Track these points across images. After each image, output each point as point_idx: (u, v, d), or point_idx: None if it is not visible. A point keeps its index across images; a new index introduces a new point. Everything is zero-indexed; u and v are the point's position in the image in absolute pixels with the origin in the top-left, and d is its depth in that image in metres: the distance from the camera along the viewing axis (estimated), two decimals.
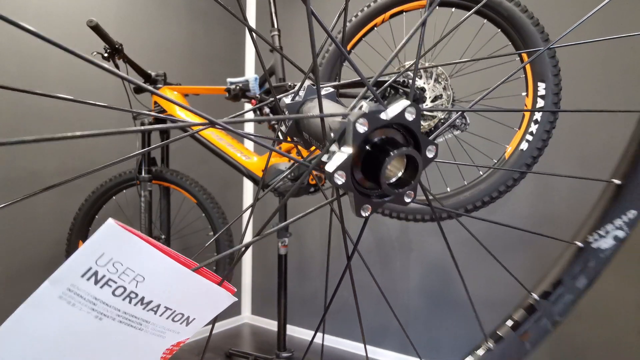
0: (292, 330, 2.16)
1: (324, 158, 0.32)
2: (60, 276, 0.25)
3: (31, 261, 1.59)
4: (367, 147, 0.30)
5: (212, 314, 0.32)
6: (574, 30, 0.44)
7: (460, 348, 1.74)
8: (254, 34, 0.31)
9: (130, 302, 0.28)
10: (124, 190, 1.57)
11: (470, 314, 1.72)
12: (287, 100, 0.39)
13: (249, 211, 2.12)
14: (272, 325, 2.31)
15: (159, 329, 0.30)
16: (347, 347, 2.03)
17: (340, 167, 0.29)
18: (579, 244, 0.39)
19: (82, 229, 1.56)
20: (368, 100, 0.33)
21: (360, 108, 0.30)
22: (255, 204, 0.39)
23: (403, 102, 0.30)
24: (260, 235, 0.34)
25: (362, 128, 0.29)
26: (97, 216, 1.58)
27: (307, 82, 0.40)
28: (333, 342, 2.09)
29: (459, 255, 1.74)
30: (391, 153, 0.28)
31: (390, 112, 0.30)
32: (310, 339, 2.15)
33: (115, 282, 0.26)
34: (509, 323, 0.40)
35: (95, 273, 0.26)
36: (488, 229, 1.67)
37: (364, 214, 0.31)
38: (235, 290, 0.31)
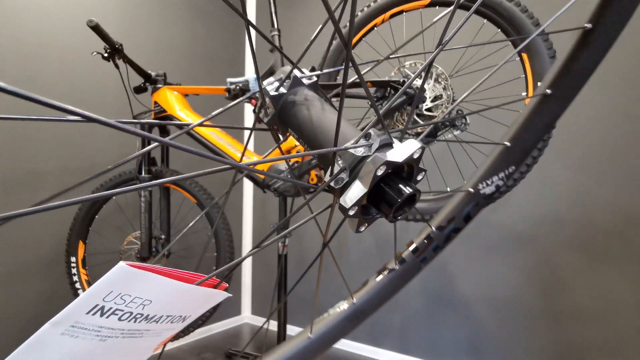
0: (292, 330, 2.16)
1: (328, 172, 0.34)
2: (63, 318, 0.24)
3: (31, 261, 1.59)
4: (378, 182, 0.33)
5: (206, 309, 0.33)
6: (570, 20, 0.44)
7: (460, 348, 1.74)
8: (253, 31, 0.31)
9: (135, 321, 0.28)
10: None
11: (470, 313, 1.72)
12: (271, 89, 0.40)
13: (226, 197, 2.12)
14: (272, 325, 2.31)
15: (158, 332, 0.31)
16: (348, 347, 2.03)
17: (355, 204, 0.32)
18: (471, 190, 0.49)
19: (82, 229, 1.56)
20: (374, 119, 0.34)
21: (368, 137, 0.33)
22: (236, 186, 0.39)
23: (413, 144, 0.33)
24: (261, 247, 0.35)
25: (380, 172, 0.32)
26: (97, 216, 1.58)
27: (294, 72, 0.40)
28: None
29: (460, 255, 1.74)
30: (404, 193, 0.32)
31: (402, 154, 0.33)
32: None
33: (122, 311, 0.26)
34: (411, 248, 0.51)
35: (102, 308, 0.25)
36: (491, 230, 1.67)
37: (361, 230, 0.35)
38: (227, 285, 0.32)
